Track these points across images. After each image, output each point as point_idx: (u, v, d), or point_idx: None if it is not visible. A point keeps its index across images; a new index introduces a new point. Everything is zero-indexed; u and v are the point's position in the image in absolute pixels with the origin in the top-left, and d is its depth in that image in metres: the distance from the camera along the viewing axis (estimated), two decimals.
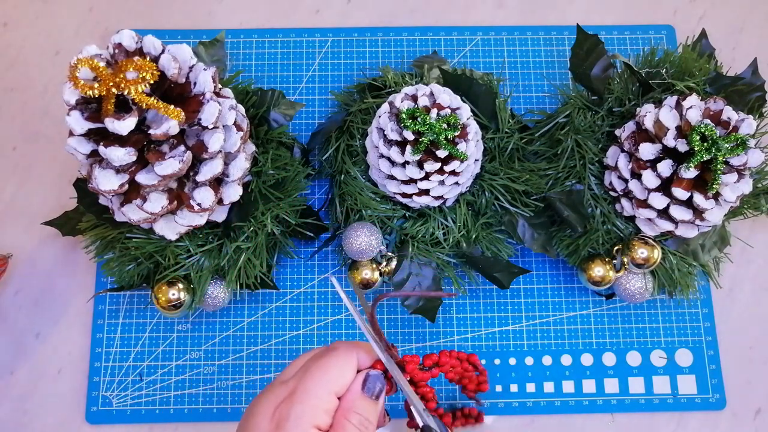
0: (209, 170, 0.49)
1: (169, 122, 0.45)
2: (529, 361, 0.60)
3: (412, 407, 0.41)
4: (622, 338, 0.61)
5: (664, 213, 0.54)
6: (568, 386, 0.60)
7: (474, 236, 0.58)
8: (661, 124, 0.52)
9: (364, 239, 0.56)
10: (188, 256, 0.55)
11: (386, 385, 0.39)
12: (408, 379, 0.40)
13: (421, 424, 0.41)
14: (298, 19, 0.70)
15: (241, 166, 0.52)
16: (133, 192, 0.49)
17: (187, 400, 0.59)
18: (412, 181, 0.54)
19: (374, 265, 0.57)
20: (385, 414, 0.43)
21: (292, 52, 0.68)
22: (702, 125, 0.51)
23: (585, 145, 0.58)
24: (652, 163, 0.53)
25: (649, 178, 0.52)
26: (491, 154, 0.59)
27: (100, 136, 0.46)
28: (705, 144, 0.51)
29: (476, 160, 0.56)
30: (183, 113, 0.46)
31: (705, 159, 0.50)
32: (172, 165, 0.47)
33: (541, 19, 0.70)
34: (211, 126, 0.47)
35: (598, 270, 0.57)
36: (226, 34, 0.68)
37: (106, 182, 0.47)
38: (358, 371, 0.38)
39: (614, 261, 0.58)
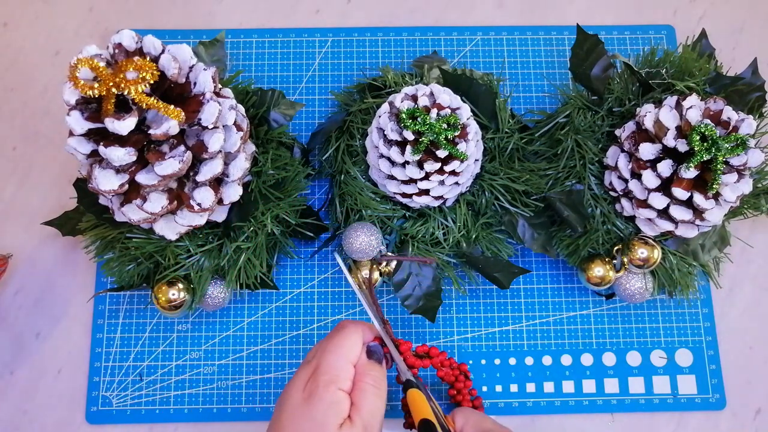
0: (209, 170, 0.49)
1: (169, 122, 0.45)
2: (529, 361, 0.60)
3: (396, 363, 0.49)
4: (622, 338, 0.61)
5: (664, 213, 0.54)
6: (568, 386, 0.60)
7: (474, 236, 0.58)
8: (661, 124, 0.52)
9: (364, 239, 0.56)
10: (188, 256, 0.55)
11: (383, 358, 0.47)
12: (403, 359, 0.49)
13: (404, 378, 0.49)
14: (298, 19, 0.70)
15: (241, 166, 0.52)
16: (133, 192, 0.49)
17: (187, 400, 0.59)
18: (412, 181, 0.54)
19: (374, 265, 0.57)
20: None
21: (292, 52, 0.68)
22: (702, 125, 0.51)
23: (585, 145, 0.58)
24: (652, 163, 0.53)
25: (649, 178, 0.52)
26: (491, 154, 0.59)
27: (100, 136, 0.46)
28: (705, 144, 0.51)
29: (476, 160, 0.56)
30: (183, 113, 0.45)
31: (705, 159, 0.50)
32: (172, 165, 0.47)
33: (541, 19, 0.70)
34: (211, 126, 0.47)
35: (598, 270, 0.57)
36: (226, 34, 0.68)
37: (106, 182, 0.47)
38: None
39: (614, 261, 0.58)
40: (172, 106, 0.45)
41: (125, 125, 0.44)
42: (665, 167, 0.52)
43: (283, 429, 0.42)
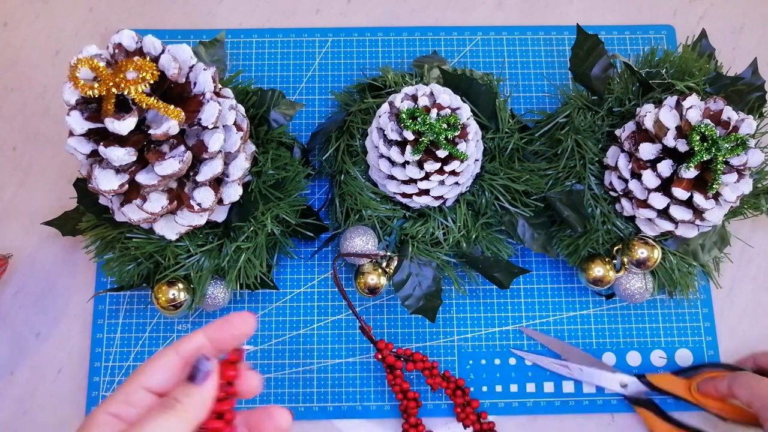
0: (209, 170, 0.49)
1: (169, 122, 0.45)
2: (529, 361, 0.60)
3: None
4: (622, 338, 0.61)
5: (664, 213, 0.54)
6: (568, 386, 0.60)
7: (474, 236, 0.58)
8: (661, 124, 0.52)
9: (359, 243, 0.56)
10: (188, 256, 0.55)
11: (216, 372, 0.36)
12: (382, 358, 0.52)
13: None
14: (298, 19, 0.70)
15: (241, 166, 0.52)
16: (133, 192, 0.49)
17: None
18: (412, 181, 0.54)
19: (379, 270, 0.57)
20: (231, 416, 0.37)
21: (292, 52, 0.68)
22: (702, 125, 0.51)
23: (585, 145, 0.58)
24: (652, 163, 0.53)
25: (649, 178, 0.52)
26: (491, 154, 0.59)
27: (100, 136, 0.46)
28: (705, 144, 0.51)
29: (476, 160, 0.56)
30: (183, 113, 0.46)
31: (705, 159, 0.50)
32: (172, 165, 0.47)
33: (541, 19, 0.70)
34: (211, 126, 0.47)
35: (598, 270, 0.57)
36: (226, 34, 0.68)
37: (106, 182, 0.47)
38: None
39: (614, 261, 0.58)
40: (172, 106, 0.45)
41: (125, 125, 0.44)
42: (665, 167, 0.52)
43: None
